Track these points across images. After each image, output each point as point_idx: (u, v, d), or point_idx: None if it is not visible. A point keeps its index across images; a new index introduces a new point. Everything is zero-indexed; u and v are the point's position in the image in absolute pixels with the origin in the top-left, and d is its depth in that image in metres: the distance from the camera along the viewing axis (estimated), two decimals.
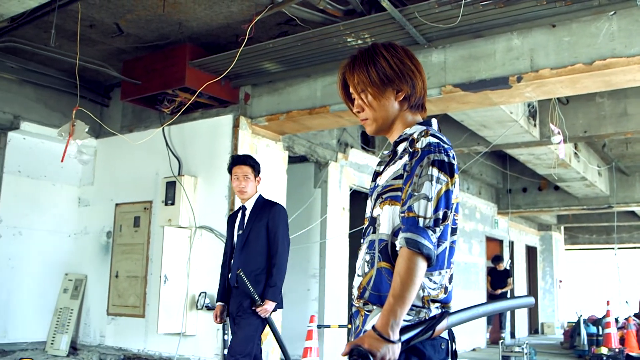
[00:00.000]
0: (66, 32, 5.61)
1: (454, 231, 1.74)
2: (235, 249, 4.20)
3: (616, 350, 9.28)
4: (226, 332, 4.26)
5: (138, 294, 6.48)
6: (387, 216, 1.74)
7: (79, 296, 6.93)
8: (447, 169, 1.68)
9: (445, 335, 1.70)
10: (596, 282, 19.63)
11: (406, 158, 1.73)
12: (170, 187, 6.15)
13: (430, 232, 1.62)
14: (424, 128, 1.77)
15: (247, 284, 3.93)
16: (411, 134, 1.78)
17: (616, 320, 10.75)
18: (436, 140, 1.71)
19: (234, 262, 4.17)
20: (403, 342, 1.58)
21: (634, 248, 18.55)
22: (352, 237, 7.34)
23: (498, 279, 11.78)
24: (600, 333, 10.38)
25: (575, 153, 9.46)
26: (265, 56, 5.47)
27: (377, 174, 1.88)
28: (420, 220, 1.62)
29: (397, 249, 1.65)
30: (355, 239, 7.25)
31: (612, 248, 15.24)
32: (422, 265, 1.60)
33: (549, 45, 4.65)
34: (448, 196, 1.67)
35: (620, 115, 7.63)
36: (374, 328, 1.56)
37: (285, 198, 6.35)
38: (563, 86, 4.87)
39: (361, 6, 4.74)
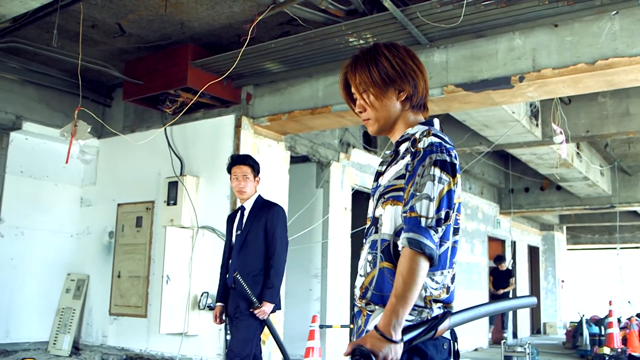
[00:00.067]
0: (68, 33, 5.62)
1: (456, 231, 1.74)
2: (234, 250, 4.18)
3: (618, 350, 9.26)
4: (228, 332, 4.25)
5: (140, 294, 6.48)
6: (389, 216, 1.74)
7: (81, 296, 6.94)
8: (449, 168, 1.68)
9: (447, 335, 1.69)
10: (598, 282, 19.59)
11: (408, 158, 1.73)
12: (173, 187, 6.16)
13: (432, 232, 1.62)
14: (426, 128, 1.77)
15: (244, 286, 3.90)
16: (413, 134, 1.77)
17: (618, 320, 10.75)
18: (438, 140, 1.71)
19: (232, 263, 4.15)
20: (405, 342, 1.57)
21: (636, 248, 18.52)
22: (354, 237, 7.33)
23: (500, 279, 11.77)
24: (603, 333, 10.36)
25: (578, 153, 9.45)
26: (267, 56, 5.48)
27: (379, 174, 1.88)
28: (423, 220, 1.62)
29: (400, 249, 1.65)
30: (357, 239, 7.24)
31: (615, 248, 15.25)
32: (425, 265, 1.60)
33: (551, 45, 4.64)
34: (450, 196, 1.67)
35: (622, 115, 7.62)
36: (376, 328, 1.56)
37: (287, 198, 6.35)
38: (565, 86, 4.86)
39: (363, 6, 4.74)
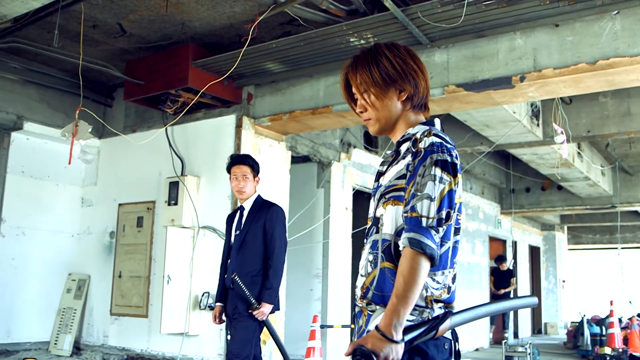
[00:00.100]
0: (69, 33, 5.62)
1: (457, 231, 1.74)
2: (232, 250, 4.17)
3: (620, 350, 9.26)
4: (229, 332, 4.25)
5: (141, 294, 6.48)
6: (390, 216, 1.74)
7: (82, 296, 6.94)
8: (450, 168, 1.68)
9: (448, 335, 1.69)
10: (599, 282, 19.58)
11: (409, 158, 1.73)
12: (173, 187, 6.16)
13: (433, 232, 1.62)
14: (427, 128, 1.77)
15: (243, 287, 3.88)
16: (414, 134, 1.77)
17: (620, 320, 10.74)
18: (439, 140, 1.71)
19: (230, 263, 4.14)
20: (406, 342, 1.57)
21: (638, 248, 18.50)
22: (355, 237, 7.33)
23: (501, 279, 11.77)
24: (604, 333, 10.36)
25: (579, 153, 9.44)
26: (268, 56, 5.48)
27: (380, 174, 1.88)
28: (424, 220, 1.62)
29: (400, 249, 1.65)
30: (358, 239, 7.24)
31: (616, 248, 15.24)
32: (425, 265, 1.59)
33: (552, 45, 4.64)
34: (451, 196, 1.67)
35: (623, 115, 7.62)
36: (377, 328, 1.56)
37: (288, 198, 6.36)
38: (566, 86, 4.86)
39: (364, 6, 4.74)
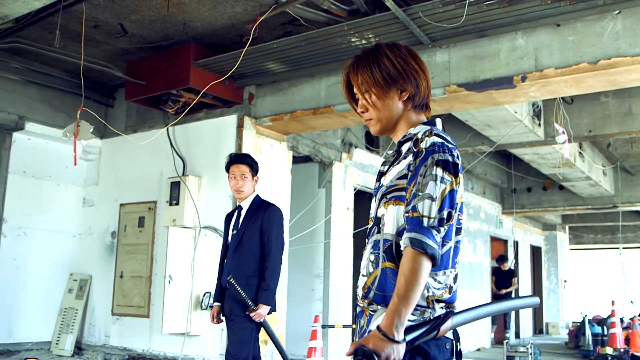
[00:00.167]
0: (71, 33, 5.63)
1: (458, 231, 1.74)
2: (229, 250, 4.13)
3: (621, 350, 9.25)
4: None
5: (143, 294, 6.49)
6: (392, 216, 1.74)
7: (83, 296, 6.95)
8: (452, 168, 1.67)
9: (449, 335, 1.69)
10: (601, 282, 19.56)
11: (410, 158, 1.73)
12: (175, 187, 6.16)
13: (434, 232, 1.62)
14: (428, 128, 1.77)
15: (239, 290, 3.82)
16: (415, 134, 1.77)
17: (621, 320, 10.74)
18: (440, 140, 1.71)
19: (227, 263, 4.10)
20: (408, 342, 1.57)
21: (639, 248, 18.48)
22: (357, 237, 7.33)
23: (503, 278, 11.76)
24: (605, 333, 10.35)
25: (580, 152, 9.43)
26: (269, 56, 5.48)
27: (382, 174, 1.88)
28: (425, 220, 1.62)
29: (402, 249, 1.65)
30: (359, 239, 7.24)
31: (617, 248, 15.22)
32: (427, 265, 1.59)
33: (554, 45, 4.64)
34: (452, 196, 1.67)
35: (625, 115, 7.61)
36: (378, 328, 1.56)
37: (289, 198, 6.36)
38: (567, 86, 4.86)
39: (365, 6, 4.74)
